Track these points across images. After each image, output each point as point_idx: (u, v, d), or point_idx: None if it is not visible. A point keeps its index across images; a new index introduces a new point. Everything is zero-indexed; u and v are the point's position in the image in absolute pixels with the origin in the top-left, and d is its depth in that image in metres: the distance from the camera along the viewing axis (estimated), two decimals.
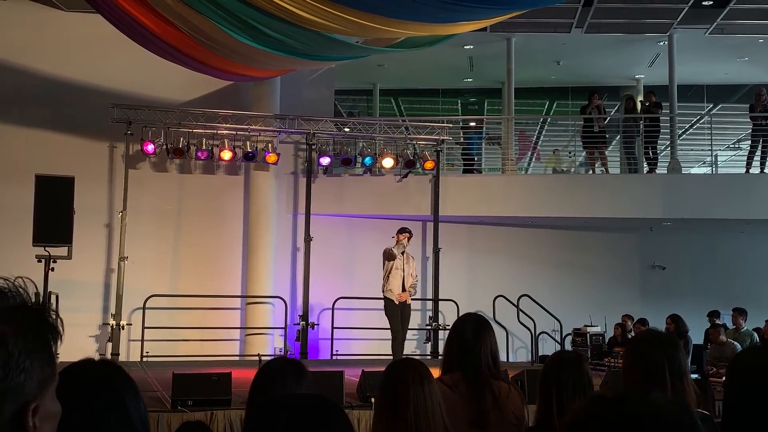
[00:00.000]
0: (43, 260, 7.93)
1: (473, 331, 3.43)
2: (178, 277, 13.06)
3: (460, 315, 13.77)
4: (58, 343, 1.22)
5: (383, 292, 10.49)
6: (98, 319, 12.51)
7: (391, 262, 10.42)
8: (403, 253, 10.50)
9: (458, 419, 3.14)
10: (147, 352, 11.87)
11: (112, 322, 11.89)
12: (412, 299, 10.86)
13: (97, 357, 11.60)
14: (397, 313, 10.36)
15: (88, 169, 12.23)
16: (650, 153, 14.42)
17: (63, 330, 1.23)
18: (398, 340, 10.28)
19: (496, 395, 3.34)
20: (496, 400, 3.33)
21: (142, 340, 11.99)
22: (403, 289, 10.40)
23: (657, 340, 2.95)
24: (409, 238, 10.65)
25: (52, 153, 12.40)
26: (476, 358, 3.37)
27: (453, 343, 3.48)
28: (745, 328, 11.56)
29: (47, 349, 1.19)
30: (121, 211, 12.18)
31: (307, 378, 2.81)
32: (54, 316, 1.23)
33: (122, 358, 11.92)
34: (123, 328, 11.94)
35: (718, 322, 11.71)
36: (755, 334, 11.49)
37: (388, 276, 10.43)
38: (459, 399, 3.26)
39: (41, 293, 7.88)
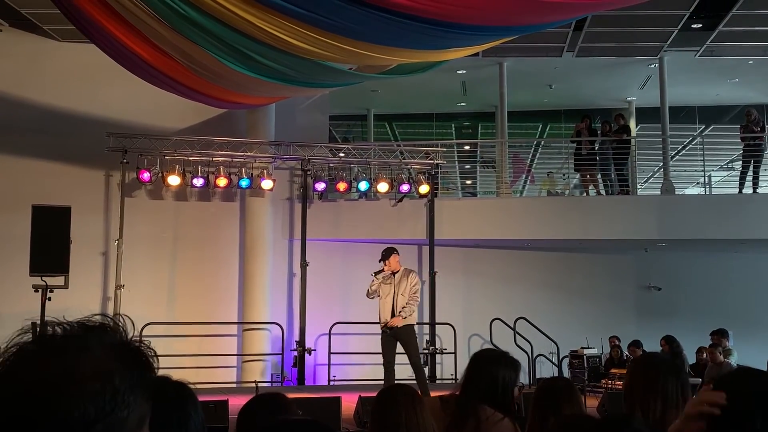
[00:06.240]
0: (40, 290, 7.93)
1: (488, 360, 3.50)
2: (174, 304, 13.05)
3: (457, 338, 13.48)
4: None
5: None
6: None
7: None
8: (394, 274, 9.18)
9: None
10: None
11: None
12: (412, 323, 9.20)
13: None
14: (385, 344, 9.06)
15: (84, 197, 12.26)
16: (613, 176, 14.52)
17: (158, 366, 1.26)
18: (391, 373, 8.94)
19: (481, 420, 3.32)
20: (479, 425, 3.32)
21: None
22: (392, 315, 9.02)
23: (659, 363, 2.95)
24: (384, 260, 9.25)
25: (48, 182, 12.44)
26: (476, 382, 3.42)
27: (468, 367, 3.55)
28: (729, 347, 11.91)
29: (148, 385, 1.22)
30: (118, 240, 12.18)
31: (290, 411, 2.75)
32: (153, 354, 1.26)
33: None
34: None
35: (726, 342, 11.88)
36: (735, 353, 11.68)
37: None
38: (444, 418, 3.30)
39: (38, 323, 7.89)
